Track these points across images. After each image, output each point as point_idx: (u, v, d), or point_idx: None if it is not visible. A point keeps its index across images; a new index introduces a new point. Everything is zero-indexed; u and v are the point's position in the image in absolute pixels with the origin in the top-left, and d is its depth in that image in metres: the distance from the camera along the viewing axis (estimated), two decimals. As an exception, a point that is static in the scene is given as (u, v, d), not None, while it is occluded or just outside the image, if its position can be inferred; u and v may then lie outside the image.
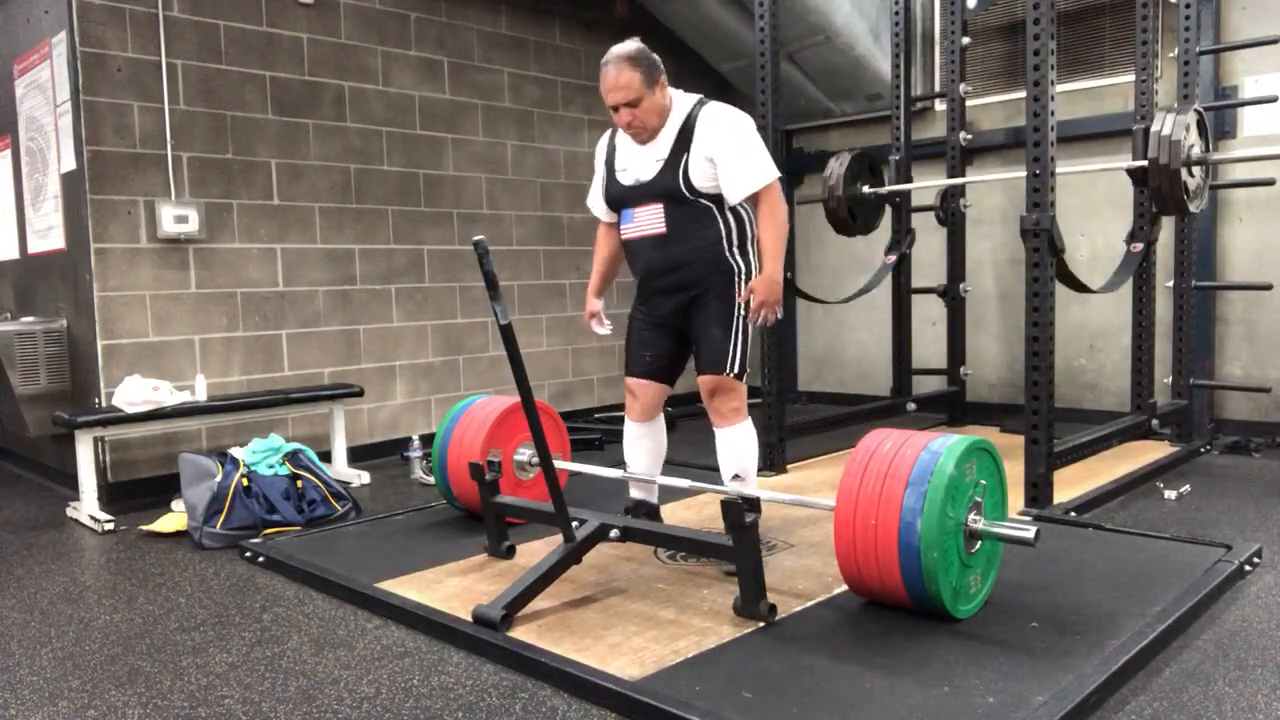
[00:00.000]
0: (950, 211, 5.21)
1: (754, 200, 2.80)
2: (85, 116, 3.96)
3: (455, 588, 2.78)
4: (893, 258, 5.10)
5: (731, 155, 2.75)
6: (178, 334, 4.22)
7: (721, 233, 2.83)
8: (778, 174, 2.82)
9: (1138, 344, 4.40)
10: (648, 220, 2.85)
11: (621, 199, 2.92)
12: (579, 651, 2.25)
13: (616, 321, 3.17)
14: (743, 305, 2.85)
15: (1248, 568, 2.74)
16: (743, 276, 2.87)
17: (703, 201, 2.80)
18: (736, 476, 2.89)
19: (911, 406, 5.13)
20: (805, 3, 5.14)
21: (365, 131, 4.83)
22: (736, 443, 2.91)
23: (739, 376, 2.88)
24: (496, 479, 3.03)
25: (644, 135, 2.81)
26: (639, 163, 2.86)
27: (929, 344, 5.52)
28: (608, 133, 3.04)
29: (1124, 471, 3.90)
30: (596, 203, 3.11)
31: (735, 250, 2.85)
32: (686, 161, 2.76)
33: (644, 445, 3.11)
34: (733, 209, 2.83)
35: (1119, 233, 4.65)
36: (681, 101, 2.85)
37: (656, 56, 2.80)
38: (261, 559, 3.15)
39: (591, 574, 2.81)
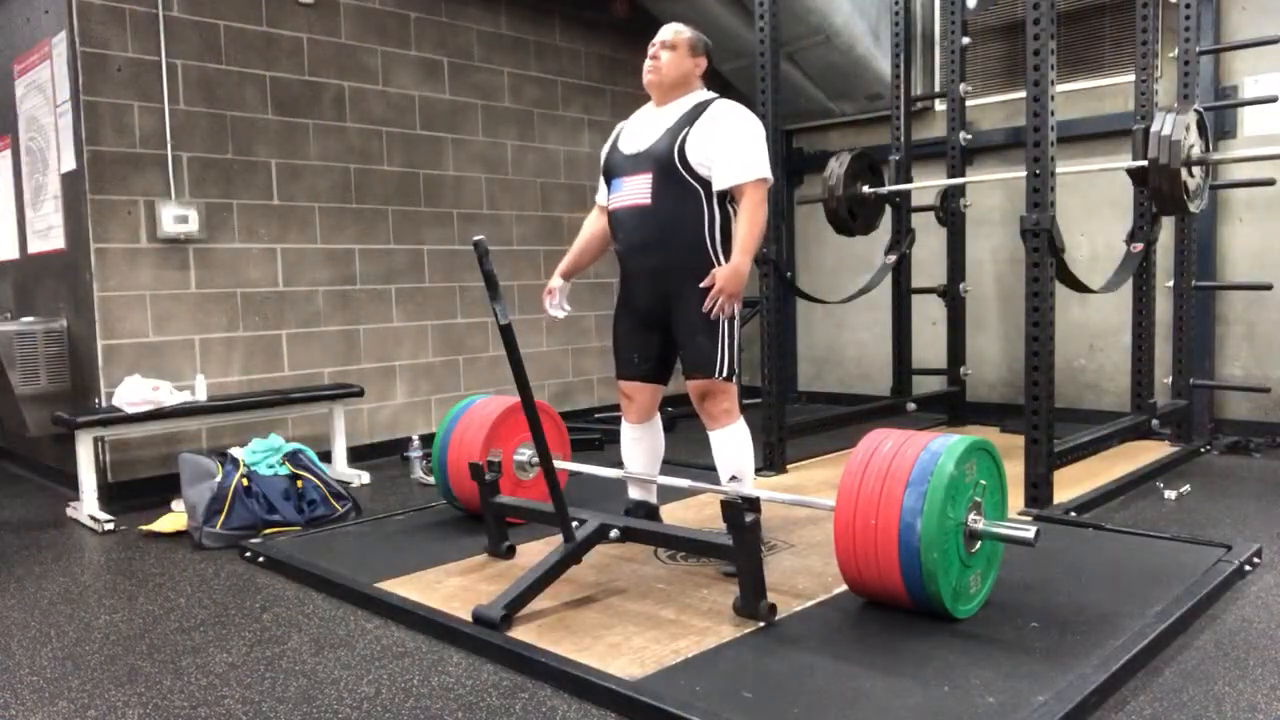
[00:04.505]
0: (950, 211, 5.21)
1: (739, 195, 2.80)
2: (85, 116, 3.96)
3: (455, 588, 2.78)
4: (893, 258, 5.10)
5: (732, 141, 2.78)
6: (178, 334, 4.22)
7: (704, 219, 2.82)
8: (770, 177, 2.83)
9: (1138, 344, 4.40)
10: (635, 189, 2.86)
11: (617, 167, 2.94)
12: (579, 651, 2.25)
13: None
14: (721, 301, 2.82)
15: (1248, 568, 2.74)
16: None
17: (692, 182, 2.80)
18: (734, 479, 2.87)
19: (911, 406, 5.13)
20: (805, 3, 5.14)
21: (365, 131, 4.83)
22: (732, 445, 2.90)
23: (729, 379, 2.87)
24: (496, 479, 3.03)
25: (655, 78, 2.90)
26: (643, 134, 2.91)
27: (929, 344, 5.52)
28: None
29: (1124, 471, 3.90)
30: (600, 187, 3.13)
31: (718, 244, 2.83)
32: (687, 133, 2.80)
33: (641, 447, 3.12)
34: (720, 204, 2.83)
35: (1119, 233, 4.65)
36: (703, 92, 2.95)
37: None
38: (261, 559, 3.15)
39: (591, 574, 2.81)
